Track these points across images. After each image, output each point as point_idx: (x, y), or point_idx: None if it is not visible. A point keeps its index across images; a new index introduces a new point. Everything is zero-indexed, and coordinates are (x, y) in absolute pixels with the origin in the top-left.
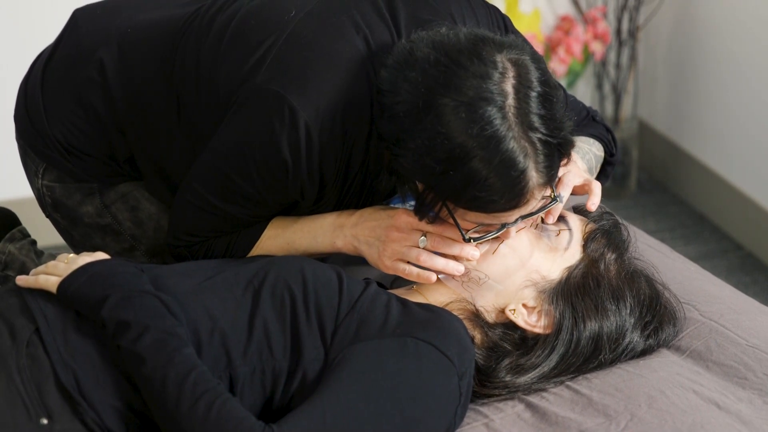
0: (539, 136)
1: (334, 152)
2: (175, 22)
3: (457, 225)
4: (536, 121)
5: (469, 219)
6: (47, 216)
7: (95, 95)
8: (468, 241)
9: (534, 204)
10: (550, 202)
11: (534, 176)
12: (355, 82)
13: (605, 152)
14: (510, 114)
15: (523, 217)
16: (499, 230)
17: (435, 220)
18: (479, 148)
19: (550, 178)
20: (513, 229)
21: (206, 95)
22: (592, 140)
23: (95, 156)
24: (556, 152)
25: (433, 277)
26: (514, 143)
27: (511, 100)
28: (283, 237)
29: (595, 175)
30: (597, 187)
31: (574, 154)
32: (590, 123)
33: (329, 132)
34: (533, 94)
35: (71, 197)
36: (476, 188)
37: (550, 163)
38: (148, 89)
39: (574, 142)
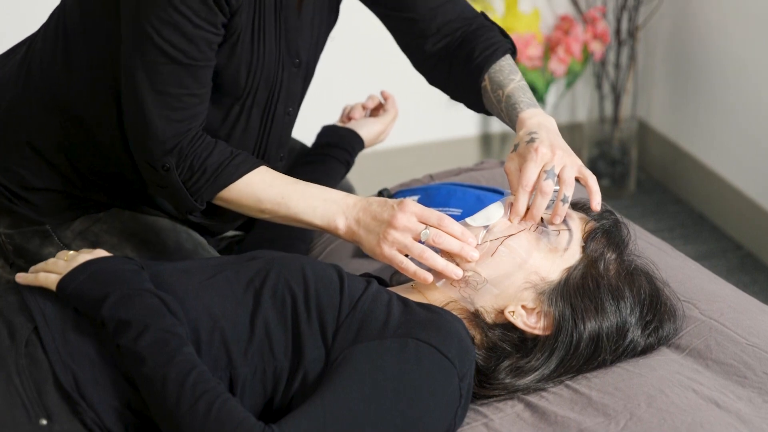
0: None
1: None
2: None
3: None
4: None
5: None
6: (10, 266)
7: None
8: None
9: None
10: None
11: None
12: None
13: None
14: None
15: None
16: None
17: None
18: None
19: None
20: None
21: None
22: (512, 67)
23: (49, 188)
24: None
25: (430, 278)
26: None
27: None
28: (279, 188)
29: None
30: (594, 184)
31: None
32: (486, 28)
33: None
34: None
35: (30, 241)
36: None
37: None
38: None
39: None
